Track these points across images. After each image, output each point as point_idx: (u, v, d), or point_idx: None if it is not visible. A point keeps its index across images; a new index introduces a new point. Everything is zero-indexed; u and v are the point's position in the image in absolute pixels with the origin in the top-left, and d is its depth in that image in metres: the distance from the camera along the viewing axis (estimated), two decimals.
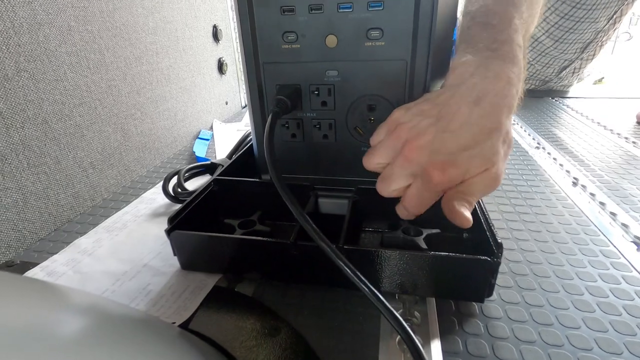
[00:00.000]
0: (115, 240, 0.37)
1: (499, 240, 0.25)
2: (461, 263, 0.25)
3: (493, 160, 0.24)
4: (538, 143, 0.58)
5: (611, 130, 0.63)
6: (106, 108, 0.45)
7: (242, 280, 0.30)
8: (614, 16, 0.75)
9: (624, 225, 0.37)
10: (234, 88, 0.82)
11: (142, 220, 0.40)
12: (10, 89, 0.34)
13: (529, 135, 0.62)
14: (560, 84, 0.89)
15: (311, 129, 0.33)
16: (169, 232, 0.29)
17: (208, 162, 0.47)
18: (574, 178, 0.46)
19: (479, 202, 0.30)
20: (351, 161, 0.33)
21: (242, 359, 0.23)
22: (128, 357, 0.15)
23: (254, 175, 0.37)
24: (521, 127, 0.66)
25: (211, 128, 0.71)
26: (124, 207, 0.43)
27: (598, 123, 0.66)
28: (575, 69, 0.85)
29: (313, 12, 0.28)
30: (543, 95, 0.86)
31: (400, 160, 0.25)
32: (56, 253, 0.35)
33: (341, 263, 0.21)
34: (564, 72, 0.85)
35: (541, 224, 0.37)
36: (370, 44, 0.29)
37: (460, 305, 0.27)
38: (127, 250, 0.35)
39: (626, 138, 0.59)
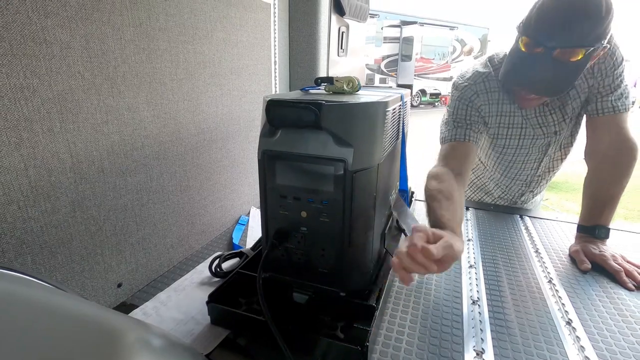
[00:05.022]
0: (178, 298, 0.64)
1: (369, 337, 0.48)
2: (344, 348, 0.48)
3: None
4: (474, 263, 0.78)
5: (545, 267, 0.79)
6: (185, 210, 0.76)
7: (241, 335, 0.56)
8: (540, 166, 0.93)
9: None
10: None
11: (194, 286, 0.68)
12: (144, 216, 0.65)
13: (472, 254, 0.82)
14: (527, 204, 1.07)
15: (292, 254, 0.59)
16: (207, 303, 0.56)
17: (238, 251, 0.75)
18: (478, 304, 0.66)
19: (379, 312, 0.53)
20: (312, 274, 0.58)
21: None
22: None
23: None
24: (471, 243, 0.86)
25: (248, 214, 1.00)
26: (185, 274, 0.71)
27: (537, 252, 0.84)
28: (532, 194, 1.03)
29: (295, 200, 0.55)
30: (514, 212, 1.04)
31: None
32: (147, 301, 0.63)
33: (278, 339, 0.46)
34: (523, 197, 1.03)
35: (424, 329, 0.58)
36: (322, 219, 0.55)
37: None
38: (185, 305, 0.62)
39: (551, 279, 0.73)
